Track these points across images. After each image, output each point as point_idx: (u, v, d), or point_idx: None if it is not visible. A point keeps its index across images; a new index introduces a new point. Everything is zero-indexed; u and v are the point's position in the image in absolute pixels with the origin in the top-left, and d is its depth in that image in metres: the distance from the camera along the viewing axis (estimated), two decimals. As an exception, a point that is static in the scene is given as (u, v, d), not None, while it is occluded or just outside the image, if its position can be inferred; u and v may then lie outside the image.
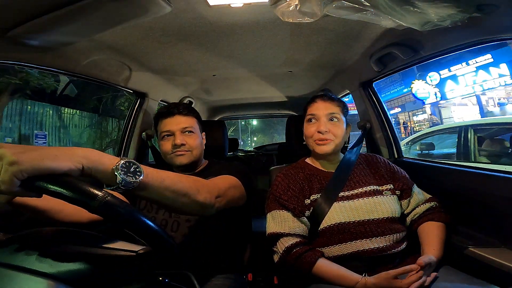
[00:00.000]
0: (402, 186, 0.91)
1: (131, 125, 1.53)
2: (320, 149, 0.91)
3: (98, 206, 0.39)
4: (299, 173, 0.95)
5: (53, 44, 0.89)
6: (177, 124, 0.96)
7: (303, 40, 1.13)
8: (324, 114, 0.92)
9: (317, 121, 0.93)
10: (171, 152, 0.95)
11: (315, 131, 0.92)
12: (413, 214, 0.90)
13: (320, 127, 0.90)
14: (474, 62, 9.16)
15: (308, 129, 0.95)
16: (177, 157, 0.95)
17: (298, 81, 1.83)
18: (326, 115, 0.92)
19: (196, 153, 0.98)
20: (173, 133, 0.96)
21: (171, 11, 0.81)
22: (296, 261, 0.79)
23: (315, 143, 0.92)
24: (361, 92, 1.51)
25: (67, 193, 0.38)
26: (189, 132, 0.97)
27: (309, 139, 0.94)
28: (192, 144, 0.96)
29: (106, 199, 0.39)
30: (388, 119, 1.46)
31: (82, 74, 1.14)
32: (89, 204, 0.39)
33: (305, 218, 0.87)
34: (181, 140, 0.94)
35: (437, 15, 0.67)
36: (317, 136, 0.91)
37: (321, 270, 0.77)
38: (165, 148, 0.96)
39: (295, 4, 0.69)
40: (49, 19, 0.73)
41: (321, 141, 0.91)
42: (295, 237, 0.83)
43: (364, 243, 0.80)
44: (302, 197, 0.89)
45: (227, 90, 2.02)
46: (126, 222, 0.42)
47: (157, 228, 0.44)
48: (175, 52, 1.20)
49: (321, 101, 0.95)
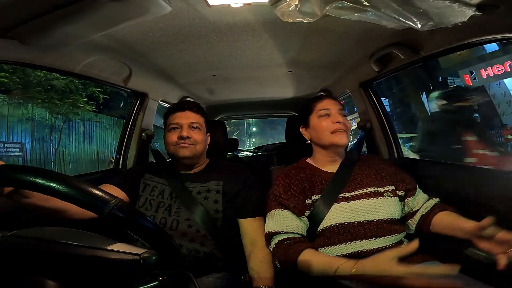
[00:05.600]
0: (407, 186, 0.91)
1: (131, 125, 1.53)
2: (340, 138, 0.92)
3: (110, 212, 0.39)
4: (300, 173, 0.95)
5: (53, 44, 0.89)
6: (186, 118, 1.00)
7: (303, 40, 1.13)
8: (336, 109, 0.95)
9: (330, 115, 0.95)
10: (176, 143, 0.98)
11: (331, 122, 0.93)
12: (424, 208, 0.88)
13: (338, 118, 0.93)
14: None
15: (322, 123, 0.95)
16: (181, 149, 0.97)
17: (298, 81, 1.83)
18: (337, 110, 0.95)
19: (199, 149, 1.00)
20: (180, 126, 0.99)
21: (171, 11, 0.81)
22: (284, 252, 0.79)
23: (334, 135, 0.92)
24: (361, 92, 1.51)
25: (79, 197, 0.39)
26: (195, 128, 1.01)
27: (325, 132, 0.94)
28: (197, 138, 0.99)
29: (118, 205, 0.40)
30: (388, 119, 1.46)
31: (82, 74, 1.14)
32: (101, 209, 0.39)
33: (305, 218, 0.87)
34: (187, 133, 0.98)
35: (437, 15, 0.67)
36: (336, 125, 0.92)
37: (307, 258, 0.75)
38: (170, 139, 0.99)
39: (295, 4, 0.69)
40: (49, 19, 0.73)
41: (339, 130, 0.92)
42: (290, 235, 0.83)
43: (363, 243, 0.80)
44: (303, 197, 0.89)
45: (227, 90, 2.01)
46: (134, 228, 0.43)
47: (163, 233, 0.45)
48: (175, 52, 1.20)
49: (329, 98, 0.99)
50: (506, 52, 8.56)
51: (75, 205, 0.39)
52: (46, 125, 6.89)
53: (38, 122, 6.74)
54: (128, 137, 1.52)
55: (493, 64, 8.81)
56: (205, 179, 1.00)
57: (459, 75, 9.70)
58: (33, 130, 6.65)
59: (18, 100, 6.07)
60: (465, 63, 9.73)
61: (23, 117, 6.41)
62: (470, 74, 9.35)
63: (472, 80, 9.34)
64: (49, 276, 0.42)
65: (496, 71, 8.81)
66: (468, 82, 9.43)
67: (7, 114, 6.11)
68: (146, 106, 1.54)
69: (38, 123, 6.76)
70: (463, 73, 9.53)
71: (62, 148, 7.15)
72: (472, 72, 9.31)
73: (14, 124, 6.31)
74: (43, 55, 0.92)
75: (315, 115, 0.97)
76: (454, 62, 10.14)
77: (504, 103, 9.75)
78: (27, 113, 6.47)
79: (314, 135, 0.97)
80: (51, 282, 0.41)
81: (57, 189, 0.38)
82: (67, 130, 7.30)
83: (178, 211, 0.92)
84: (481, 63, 9.09)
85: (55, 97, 6.33)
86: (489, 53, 9.22)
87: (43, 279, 0.41)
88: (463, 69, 9.51)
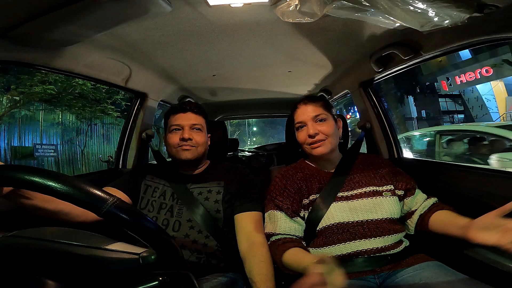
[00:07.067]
0: (406, 186, 0.91)
1: (131, 125, 1.53)
2: (317, 152, 0.90)
3: (107, 210, 0.39)
4: (298, 173, 0.95)
5: (53, 44, 0.89)
6: (188, 119, 1.00)
7: (303, 40, 1.13)
8: (310, 118, 0.91)
9: (305, 126, 0.92)
10: (178, 145, 0.98)
11: (306, 136, 0.91)
12: (422, 207, 0.88)
13: (309, 131, 0.90)
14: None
15: (299, 137, 0.95)
16: (183, 152, 0.97)
17: (298, 81, 1.83)
18: (312, 118, 0.91)
19: (201, 150, 1.01)
20: (182, 128, 0.99)
21: (171, 11, 0.81)
22: (273, 252, 0.81)
23: (310, 148, 0.91)
24: (361, 92, 1.51)
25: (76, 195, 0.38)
26: (197, 129, 1.01)
27: (304, 145, 0.94)
28: (199, 140, 0.99)
29: (116, 203, 0.40)
30: (388, 119, 1.46)
31: (82, 74, 1.14)
32: (98, 207, 0.39)
33: (299, 219, 0.88)
34: (189, 135, 0.97)
35: (437, 15, 0.67)
36: (309, 140, 0.91)
37: (290, 255, 0.78)
38: (172, 140, 0.99)
39: (295, 4, 0.69)
40: (49, 19, 0.73)
41: (314, 144, 0.90)
42: (285, 235, 0.85)
43: (362, 243, 0.80)
44: (298, 197, 0.90)
45: (227, 90, 2.01)
46: (133, 227, 0.42)
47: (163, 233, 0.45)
48: (175, 52, 1.20)
49: (303, 105, 0.94)
50: (477, 60, 9.32)
51: (73, 204, 0.39)
52: (73, 129, 8.21)
53: (66, 126, 8.10)
54: (128, 137, 1.52)
55: (466, 72, 9.56)
56: (206, 180, 1.00)
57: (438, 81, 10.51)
58: (62, 133, 7.96)
59: (52, 107, 7.37)
60: (443, 70, 10.49)
61: (54, 122, 7.75)
62: (446, 80, 10.14)
63: (448, 86, 10.14)
64: (48, 275, 0.42)
65: (468, 78, 9.55)
66: (445, 87, 10.22)
67: (40, 119, 7.43)
68: (146, 106, 1.54)
69: (67, 127, 8.11)
70: (441, 79, 10.34)
71: (86, 149, 8.27)
72: (448, 79, 10.09)
73: (47, 128, 7.64)
74: (43, 55, 0.92)
75: (294, 126, 0.97)
76: (434, 69, 10.82)
77: (477, 106, 10.73)
78: (57, 118, 7.82)
79: (299, 145, 0.98)
80: (51, 282, 0.41)
81: (54, 187, 0.38)
82: (89, 133, 8.46)
83: (180, 212, 0.92)
84: (456, 70, 9.86)
85: (87, 105, 7.52)
86: (463, 61, 9.97)
87: (43, 278, 0.41)
88: (441, 76, 10.34)
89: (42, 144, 7.20)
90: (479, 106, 10.69)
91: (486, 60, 8.93)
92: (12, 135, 6.92)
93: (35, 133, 7.35)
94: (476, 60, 9.43)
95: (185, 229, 0.90)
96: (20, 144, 7.05)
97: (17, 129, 7.04)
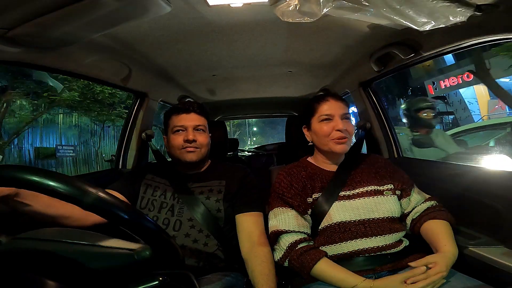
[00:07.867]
0: (402, 186, 0.91)
1: (131, 125, 1.53)
2: (340, 148, 0.89)
3: (91, 202, 0.38)
4: (301, 171, 0.95)
5: (53, 44, 0.89)
6: (191, 120, 0.99)
7: (303, 40, 1.13)
8: (339, 114, 0.90)
9: (332, 120, 0.90)
10: (182, 147, 0.97)
11: (333, 129, 0.89)
12: (414, 212, 0.88)
13: (339, 126, 0.88)
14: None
15: (323, 129, 0.91)
16: (188, 154, 0.97)
17: (298, 81, 1.83)
18: (340, 115, 0.90)
19: (204, 151, 1.01)
20: (186, 129, 0.98)
21: (171, 11, 0.81)
22: (299, 257, 0.78)
23: (334, 142, 0.89)
24: (361, 92, 1.51)
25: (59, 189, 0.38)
26: (200, 130, 1.00)
27: (325, 138, 0.91)
28: (203, 142, 0.99)
29: (99, 195, 0.39)
30: (388, 119, 1.46)
31: (82, 74, 1.14)
32: (81, 200, 0.38)
33: (308, 216, 0.87)
34: (193, 136, 0.97)
35: (437, 15, 0.67)
36: (335, 134, 0.89)
37: (323, 268, 0.76)
38: (176, 142, 0.98)
39: (295, 4, 0.69)
40: (49, 19, 0.73)
41: (340, 139, 0.89)
42: (299, 234, 0.83)
43: (364, 242, 0.80)
44: (304, 195, 0.89)
45: (227, 90, 2.01)
46: (121, 219, 0.41)
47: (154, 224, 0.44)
48: (175, 52, 1.20)
49: (333, 100, 0.92)
50: (459, 66, 9.80)
51: (56, 197, 0.38)
52: (87, 131, 8.93)
53: (82, 128, 8.85)
54: (128, 137, 1.52)
55: (450, 76, 10.10)
56: (207, 179, 1.00)
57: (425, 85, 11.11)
58: (79, 134, 8.72)
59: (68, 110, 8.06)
60: (430, 74, 11.04)
61: (71, 125, 8.58)
62: (432, 85, 10.76)
63: (434, 90, 10.73)
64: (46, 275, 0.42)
65: (451, 83, 10.12)
66: (432, 91, 10.81)
67: (60, 122, 8.26)
68: (146, 106, 1.54)
69: (83, 129, 8.86)
70: (428, 84, 10.93)
71: (100, 149, 8.85)
72: (434, 83, 10.71)
73: (65, 130, 8.45)
74: (43, 55, 0.92)
75: (316, 118, 0.93)
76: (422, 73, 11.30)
77: (460, 109, 11.22)
78: (74, 121, 8.62)
79: (315, 139, 0.95)
80: (51, 282, 0.41)
81: (35, 182, 0.38)
82: (102, 134, 9.07)
83: (180, 211, 0.92)
84: (441, 75, 10.44)
85: (104, 109, 8.18)
86: (447, 66, 10.53)
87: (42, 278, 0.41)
88: (428, 80, 10.93)
89: (63, 145, 7.91)
90: (462, 108, 11.20)
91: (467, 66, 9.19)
92: (35, 137, 7.76)
93: (54, 135, 8.23)
94: (458, 65, 9.83)
95: (185, 228, 0.90)
96: (41, 145, 7.82)
97: (39, 131, 7.88)
